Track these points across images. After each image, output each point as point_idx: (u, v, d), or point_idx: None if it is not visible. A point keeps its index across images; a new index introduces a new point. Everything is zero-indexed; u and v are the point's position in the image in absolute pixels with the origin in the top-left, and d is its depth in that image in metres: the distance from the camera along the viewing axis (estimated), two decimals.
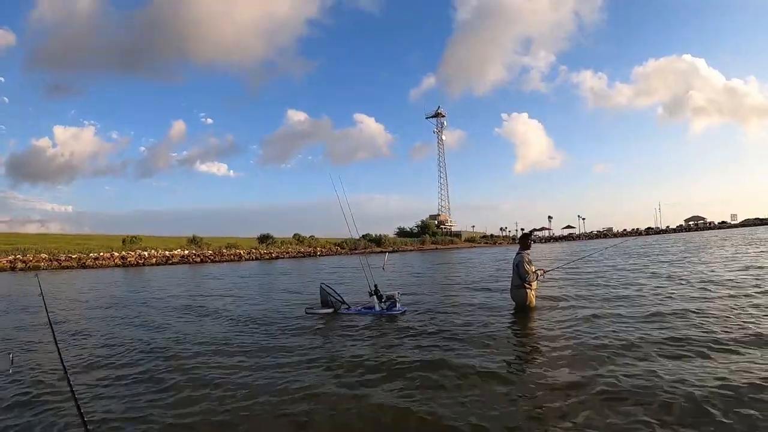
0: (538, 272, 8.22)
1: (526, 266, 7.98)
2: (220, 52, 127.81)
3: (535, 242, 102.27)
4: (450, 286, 14.49)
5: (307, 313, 9.40)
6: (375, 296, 9.09)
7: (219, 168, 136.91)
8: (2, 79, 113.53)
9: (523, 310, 8.10)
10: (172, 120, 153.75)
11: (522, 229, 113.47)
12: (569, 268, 16.49)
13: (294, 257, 54.87)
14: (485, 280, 15.31)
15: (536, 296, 8.45)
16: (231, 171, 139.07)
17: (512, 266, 8.24)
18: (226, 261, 45.71)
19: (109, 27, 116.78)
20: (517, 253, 8.24)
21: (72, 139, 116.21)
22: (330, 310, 9.33)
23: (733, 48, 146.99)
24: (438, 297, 11.56)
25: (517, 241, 10.68)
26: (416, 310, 9.22)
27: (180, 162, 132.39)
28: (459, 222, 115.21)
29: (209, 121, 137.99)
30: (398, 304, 8.96)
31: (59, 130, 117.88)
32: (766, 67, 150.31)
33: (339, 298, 9.60)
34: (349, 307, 9.51)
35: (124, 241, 44.40)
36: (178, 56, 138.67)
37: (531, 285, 8.10)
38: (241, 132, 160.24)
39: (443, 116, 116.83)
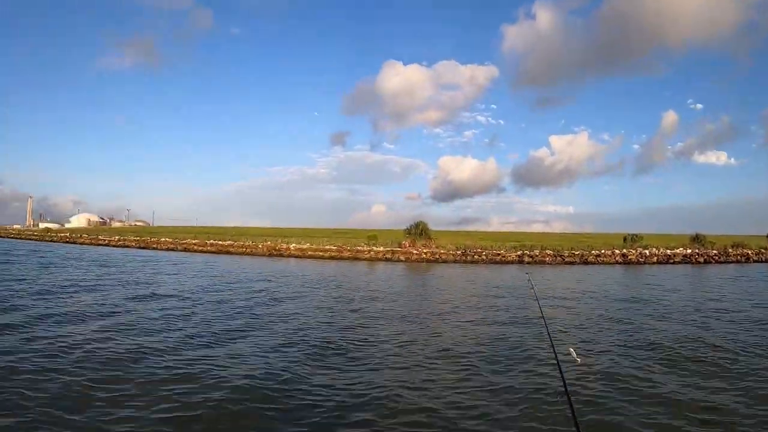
0: None
1: None
2: (693, 30, 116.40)
3: None
4: None
5: None
6: None
7: (718, 157, 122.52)
8: (495, 106, 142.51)
9: None
10: (662, 112, 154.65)
11: None
12: None
13: None
14: None
15: None
16: (732, 159, 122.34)
17: None
18: (732, 262, 37.79)
19: (573, 35, 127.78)
20: None
21: (567, 146, 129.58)
22: None
23: None
24: None
25: None
26: None
27: (675, 154, 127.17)
28: None
29: (698, 106, 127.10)
30: None
31: (554, 139, 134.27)
32: None
33: None
34: None
35: (624, 239, 43.71)
36: (650, 46, 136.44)
37: None
38: (737, 112, 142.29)
39: None
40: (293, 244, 46.69)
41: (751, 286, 21.67)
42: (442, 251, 40.96)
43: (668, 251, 38.26)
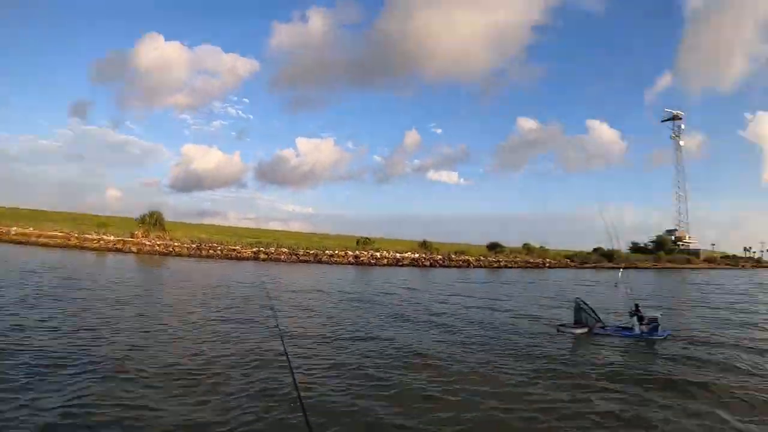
0: None
1: None
2: (448, 64, 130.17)
3: None
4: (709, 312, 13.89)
5: (559, 331, 9.24)
6: (635, 317, 8.69)
7: (450, 176, 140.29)
8: (247, 100, 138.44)
9: None
10: (406, 130, 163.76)
11: None
12: None
13: (522, 267, 50.87)
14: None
15: None
16: (461, 179, 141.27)
17: None
18: (455, 267, 43.07)
19: (340, 47, 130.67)
20: None
21: (314, 149, 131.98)
22: (584, 330, 9.09)
23: None
24: (699, 323, 11.27)
25: None
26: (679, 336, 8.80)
27: (413, 169, 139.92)
28: (698, 239, 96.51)
29: (438, 131, 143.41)
30: (660, 328, 8.49)
31: (301, 141, 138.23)
32: None
33: (595, 316, 9.32)
34: (605, 326, 9.27)
35: (357, 241, 45.49)
36: (407, 70, 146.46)
37: None
38: (472, 141, 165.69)
39: (680, 119, 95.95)
40: (14, 228, 38.72)
41: (467, 287, 23.04)
42: (176, 244, 36.30)
43: (398, 254, 40.85)
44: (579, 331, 8.99)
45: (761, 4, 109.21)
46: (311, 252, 37.59)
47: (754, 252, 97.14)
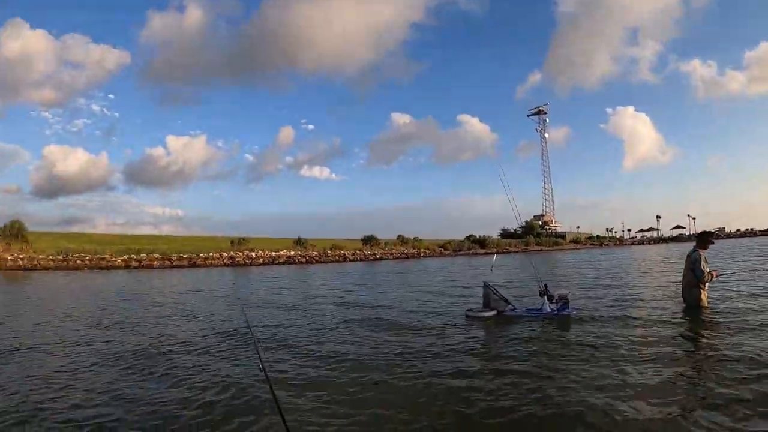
0: (713, 273, 8.17)
1: (703, 266, 8.02)
2: (326, 59, 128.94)
3: (642, 243, 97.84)
4: (591, 284, 14.38)
5: (468, 317, 8.91)
6: (545, 296, 8.62)
7: (323, 172, 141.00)
8: (113, 96, 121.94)
9: (694, 310, 8.10)
10: (280, 126, 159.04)
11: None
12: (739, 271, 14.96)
13: (397, 258, 54.63)
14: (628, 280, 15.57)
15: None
16: (334, 174, 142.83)
17: (687, 264, 8.28)
18: (331, 262, 45.41)
19: (217, 39, 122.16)
20: (694, 251, 8.24)
21: (184, 148, 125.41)
22: (493, 313, 8.82)
23: None
24: (592, 297, 11.16)
25: (694, 238, 9.63)
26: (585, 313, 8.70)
27: (287, 167, 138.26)
28: (563, 222, 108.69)
29: (310, 127, 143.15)
30: (570, 306, 8.48)
31: (171, 139, 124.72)
32: None
33: (503, 299, 9.08)
34: (515, 308, 9.06)
35: (232, 242, 46.12)
36: (284, 65, 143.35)
37: (704, 285, 8.16)
38: (346, 136, 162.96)
39: (545, 113, 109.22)
40: None
41: (348, 280, 22.47)
42: (41, 257, 34.85)
43: (273, 253, 42.55)
44: (488, 314, 8.62)
45: (627, 12, 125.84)
46: (185, 256, 37.96)
47: (616, 232, 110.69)
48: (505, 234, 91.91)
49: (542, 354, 5.82)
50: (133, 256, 36.52)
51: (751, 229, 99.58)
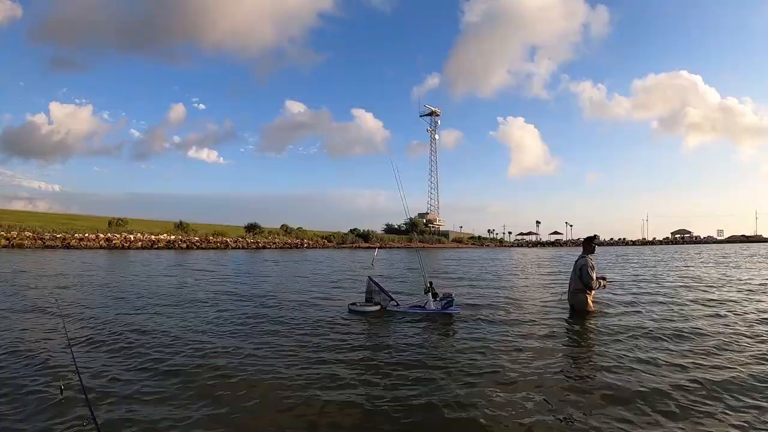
0: (601, 282, 7.99)
1: (590, 272, 7.73)
2: (229, 36, 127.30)
3: (522, 246, 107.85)
4: (474, 283, 14.05)
5: (351, 310, 8.50)
6: (430, 294, 8.41)
7: (210, 155, 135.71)
8: None
9: (581, 315, 7.76)
10: (172, 103, 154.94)
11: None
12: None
13: (281, 248, 54.60)
14: (511, 282, 14.88)
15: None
16: (222, 158, 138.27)
17: (573, 269, 8.02)
18: (213, 248, 45.69)
19: (118, 3, 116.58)
20: (581, 257, 7.99)
21: (68, 117, 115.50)
22: (377, 308, 8.52)
23: (731, 66, 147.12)
24: (479, 295, 11.02)
25: (579, 243, 10.46)
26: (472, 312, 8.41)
27: (174, 146, 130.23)
28: (447, 222, 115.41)
29: (202, 106, 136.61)
30: (455, 304, 8.19)
31: (55, 106, 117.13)
32: (761, 88, 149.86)
33: (387, 294, 8.78)
34: (398, 304, 8.70)
35: (110, 223, 44.19)
36: (183, 38, 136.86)
37: (591, 290, 7.89)
38: (238, 119, 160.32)
39: (437, 115, 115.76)
40: None
41: (231, 269, 21.24)
42: None
43: (153, 237, 41.66)
44: (371, 309, 8.37)
45: (530, 30, 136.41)
46: (58, 236, 36.36)
47: (497, 233, 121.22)
48: (389, 229, 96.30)
49: (423, 349, 5.67)
50: (2, 233, 34.23)
51: (623, 238, 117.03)
